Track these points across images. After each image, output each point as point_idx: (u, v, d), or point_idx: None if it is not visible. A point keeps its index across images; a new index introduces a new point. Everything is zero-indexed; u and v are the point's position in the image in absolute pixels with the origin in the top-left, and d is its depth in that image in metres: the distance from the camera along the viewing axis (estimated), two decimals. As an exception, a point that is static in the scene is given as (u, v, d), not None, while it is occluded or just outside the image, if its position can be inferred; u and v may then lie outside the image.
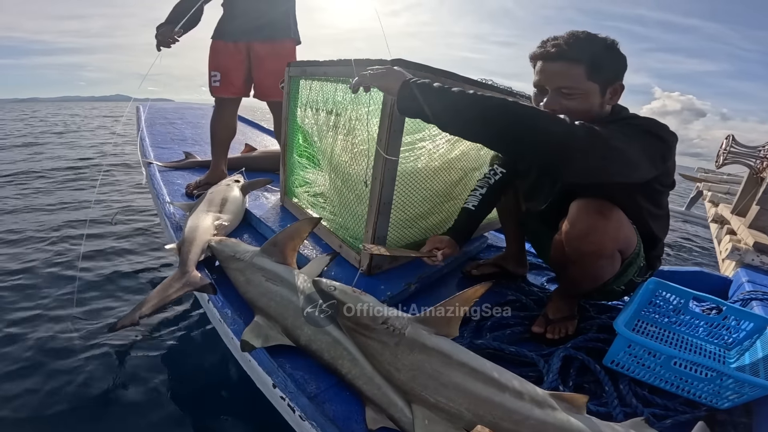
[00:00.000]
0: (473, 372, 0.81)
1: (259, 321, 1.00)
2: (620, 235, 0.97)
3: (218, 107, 2.03)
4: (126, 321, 1.00)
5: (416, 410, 0.79)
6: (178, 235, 1.42)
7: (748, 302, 1.48)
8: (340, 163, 1.34)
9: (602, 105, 0.96)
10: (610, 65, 0.94)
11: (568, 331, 1.15)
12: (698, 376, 0.94)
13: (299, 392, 0.83)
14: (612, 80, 0.95)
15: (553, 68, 0.94)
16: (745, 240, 2.39)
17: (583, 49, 0.91)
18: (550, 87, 0.95)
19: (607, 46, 0.93)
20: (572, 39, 0.92)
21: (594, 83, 0.93)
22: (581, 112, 0.93)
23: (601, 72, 0.93)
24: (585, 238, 0.95)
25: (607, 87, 0.95)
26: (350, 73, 1.20)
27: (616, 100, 0.99)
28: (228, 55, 1.91)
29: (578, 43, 0.92)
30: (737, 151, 3.52)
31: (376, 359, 0.86)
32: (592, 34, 0.94)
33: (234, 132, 2.10)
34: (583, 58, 0.91)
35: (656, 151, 0.88)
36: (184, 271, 1.16)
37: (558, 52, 0.92)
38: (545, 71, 0.95)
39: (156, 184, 1.95)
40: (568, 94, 0.93)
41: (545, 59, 0.95)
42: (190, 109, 4.35)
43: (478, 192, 1.30)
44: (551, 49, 0.93)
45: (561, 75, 0.93)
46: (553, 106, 0.95)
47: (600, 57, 0.92)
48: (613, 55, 0.94)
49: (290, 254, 1.20)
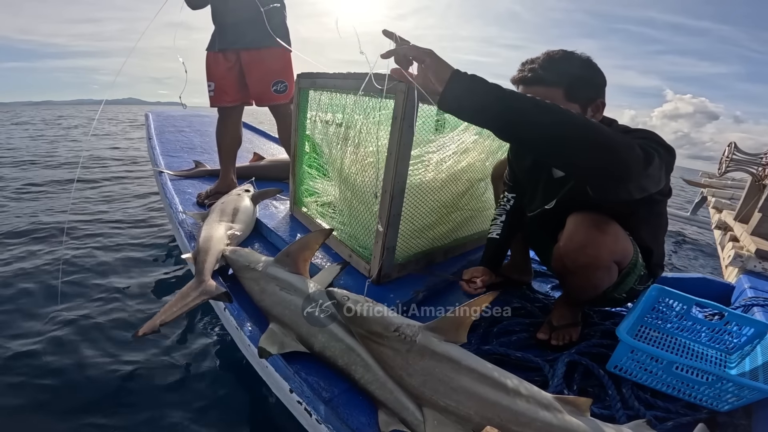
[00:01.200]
0: (481, 376, 0.85)
1: (275, 329, 1.04)
2: (616, 247, 1.00)
3: (220, 117, 2.07)
4: (147, 328, 1.04)
5: (427, 413, 0.82)
6: (191, 244, 1.46)
7: (749, 308, 1.51)
8: (349, 175, 1.38)
9: None
10: (589, 83, 0.95)
11: (572, 337, 1.18)
12: (699, 380, 0.97)
13: (315, 397, 0.87)
14: (593, 98, 0.96)
15: (532, 93, 0.93)
16: (748, 247, 2.40)
17: (560, 71, 0.92)
18: None
19: (583, 64, 0.94)
20: (547, 62, 0.93)
21: (574, 103, 0.94)
22: None
23: (580, 91, 0.93)
24: (582, 251, 0.98)
25: (588, 105, 0.96)
26: (360, 86, 1.24)
27: (599, 117, 1.00)
28: (218, 64, 1.95)
29: (554, 65, 0.93)
30: (739, 159, 3.53)
31: (389, 365, 0.89)
32: (569, 52, 0.95)
33: (239, 140, 2.13)
34: (560, 80, 0.92)
35: (669, 165, 0.89)
36: (200, 280, 1.20)
37: (534, 77, 0.93)
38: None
39: (168, 193, 2.00)
40: None
41: (524, 83, 0.96)
42: (197, 116, 4.41)
43: (498, 220, 1.35)
44: (528, 74, 0.94)
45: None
46: None
47: (577, 77, 0.93)
48: (590, 72, 0.95)
49: (303, 264, 1.24)
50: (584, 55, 0.95)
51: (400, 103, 1.08)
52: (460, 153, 1.41)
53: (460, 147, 1.41)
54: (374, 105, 1.25)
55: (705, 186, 5.73)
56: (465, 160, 1.44)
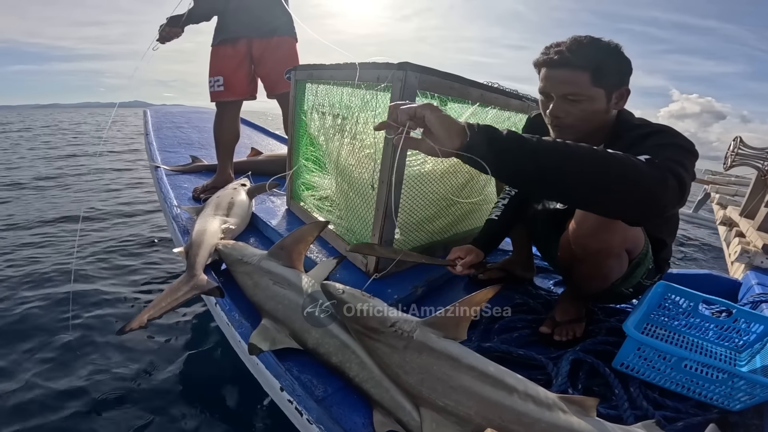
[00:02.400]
0: (482, 375, 0.81)
1: (267, 324, 1.00)
2: (628, 234, 0.97)
3: (220, 111, 2.03)
4: (134, 323, 1.00)
5: (424, 413, 0.79)
6: (185, 238, 1.43)
7: (758, 305, 1.47)
8: (346, 167, 1.35)
9: (608, 110, 0.96)
10: (615, 70, 0.94)
11: (575, 333, 1.15)
12: (709, 378, 0.94)
13: (307, 395, 0.83)
14: (617, 85, 0.95)
15: (558, 75, 0.93)
16: (754, 242, 2.37)
17: (587, 55, 0.90)
18: (555, 94, 0.95)
19: (611, 51, 0.93)
20: (575, 45, 0.91)
21: (599, 89, 0.92)
22: (587, 118, 0.94)
23: (606, 77, 0.92)
24: (592, 236, 0.95)
25: (612, 92, 0.94)
26: (355, 76, 1.21)
27: (623, 104, 0.99)
28: (228, 57, 1.92)
29: (582, 48, 0.91)
30: (745, 153, 3.49)
31: (385, 362, 0.86)
32: (596, 38, 0.93)
33: (237, 135, 2.11)
34: (587, 64, 0.90)
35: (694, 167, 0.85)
36: (192, 274, 1.16)
37: (561, 59, 0.92)
38: (550, 78, 0.95)
39: (163, 187, 1.96)
40: (573, 100, 0.93)
41: (549, 66, 0.94)
42: (196, 113, 4.38)
43: (500, 203, 1.30)
44: (555, 56, 0.92)
45: (566, 82, 0.92)
46: (558, 113, 0.95)
47: (604, 62, 0.91)
48: (618, 59, 0.94)
49: (297, 258, 1.20)
50: (612, 42, 0.93)
51: (396, 93, 1.05)
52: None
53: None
54: (371, 95, 1.22)
55: (708, 183, 5.70)
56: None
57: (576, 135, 0.96)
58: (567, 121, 0.96)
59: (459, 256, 1.19)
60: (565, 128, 0.97)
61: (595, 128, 0.97)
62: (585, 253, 0.98)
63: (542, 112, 1.02)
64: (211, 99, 2.00)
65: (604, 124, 0.98)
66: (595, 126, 0.97)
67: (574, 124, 0.96)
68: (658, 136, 0.88)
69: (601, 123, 0.97)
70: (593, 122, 0.96)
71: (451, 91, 1.22)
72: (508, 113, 1.53)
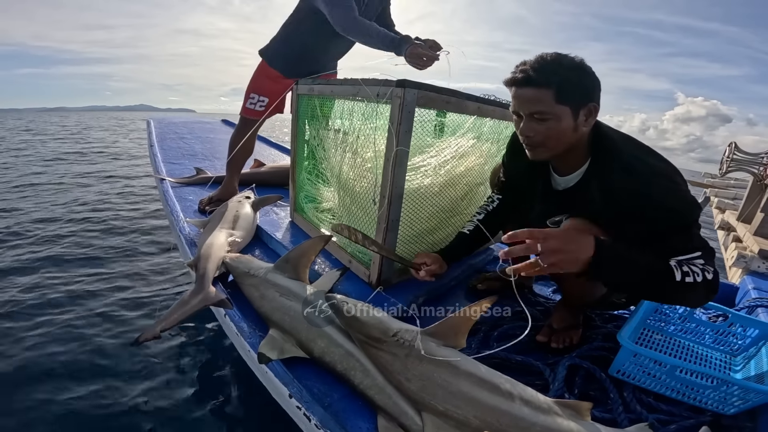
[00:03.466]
0: (480, 381, 0.84)
1: (274, 334, 1.04)
2: None
3: (244, 126, 2.01)
4: (149, 335, 1.04)
5: (426, 418, 0.82)
6: (192, 250, 1.47)
7: (754, 309, 1.50)
8: (348, 180, 1.38)
9: (576, 128, 0.95)
10: (579, 86, 0.92)
11: (572, 340, 1.17)
12: (704, 384, 0.97)
13: (314, 402, 0.87)
14: (584, 101, 0.93)
15: (523, 94, 0.94)
16: (751, 247, 2.39)
17: (550, 72, 0.90)
18: (523, 113, 0.96)
19: (573, 66, 0.92)
20: (538, 63, 0.92)
21: (564, 106, 0.91)
22: (555, 136, 0.95)
23: (570, 93, 0.91)
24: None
25: (579, 109, 0.93)
26: (356, 92, 1.25)
27: (592, 122, 0.97)
28: (277, 83, 1.92)
29: (545, 66, 0.91)
30: (740, 159, 3.51)
31: (387, 370, 0.89)
32: (561, 55, 0.93)
33: (252, 151, 2.13)
34: (550, 81, 0.90)
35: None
36: (201, 286, 1.20)
37: (525, 78, 0.92)
38: (517, 97, 0.96)
39: (170, 200, 2.00)
40: (540, 119, 0.93)
41: (516, 85, 0.95)
42: (198, 123, 4.44)
43: (475, 218, 1.32)
44: (519, 75, 0.93)
45: (531, 100, 0.93)
46: (527, 132, 0.96)
47: (567, 78, 0.90)
48: (580, 74, 0.92)
49: (302, 270, 1.24)
50: (577, 57, 0.92)
51: (396, 109, 1.09)
52: (458, 157, 1.41)
53: (458, 151, 1.41)
54: (372, 110, 1.26)
55: (707, 186, 5.71)
56: (463, 164, 1.44)
57: (549, 153, 0.99)
58: (536, 140, 0.97)
59: (425, 262, 1.22)
60: (536, 147, 0.98)
61: (567, 147, 0.98)
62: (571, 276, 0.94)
63: (516, 131, 1.03)
64: (246, 114, 1.97)
65: (577, 143, 0.98)
66: (566, 144, 0.97)
67: (544, 142, 0.96)
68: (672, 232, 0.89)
69: (573, 141, 0.97)
70: (562, 140, 0.96)
71: (448, 105, 1.24)
72: (506, 123, 1.56)
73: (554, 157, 1.01)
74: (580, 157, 1.02)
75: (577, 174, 1.04)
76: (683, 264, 0.85)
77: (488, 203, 1.33)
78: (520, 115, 0.97)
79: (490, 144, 1.55)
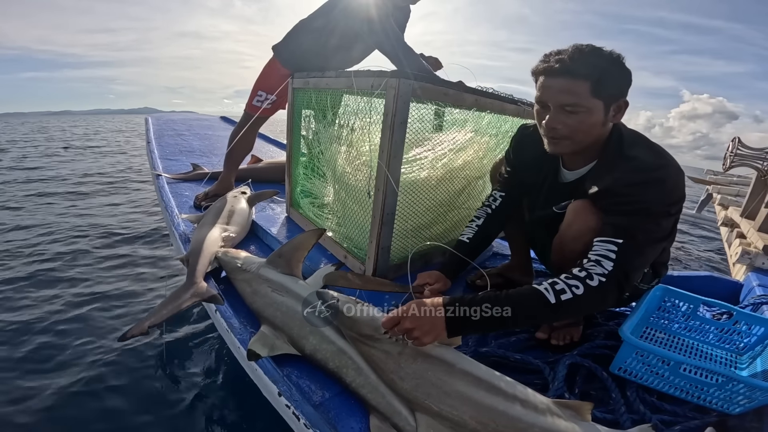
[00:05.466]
0: (476, 380, 0.82)
1: (266, 331, 1.02)
2: None
3: (247, 122, 1.96)
4: (135, 330, 1.01)
5: (420, 419, 0.79)
6: (186, 246, 1.45)
7: (759, 306, 1.46)
8: (343, 174, 1.36)
9: (605, 123, 0.94)
10: (616, 81, 0.91)
11: (573, 337, 1.15)
12: (708, 382, 0.93)
13: (304, 400, 0.84)
14: (617, 97, 0.92)
15: (557, 84, 0.90)
16: (755, 243, 2.36)
17: (588, 64, 0.87)
18: (552, 104, 0.92)
19: (612, 61, 0.89)
20: (577, 54, 0.88)
21: (598, 100, 0.89)
22: (583, 129, 0.92)
23: (607, 88, 0.89)
24: (581, 238, 0.94)
25: (611, 104, 0.91)
26: (350, 84, 1.22)
27: (620, 117, 0.95)
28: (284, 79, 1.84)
29: (583, 57, 0.88)
30: (744, 154, 3.47)
31: (380, 368, 0.87)
32: (598, 47, 0.89)
33: (251, 148, 2.10)
34: (588, 73, 0.87)
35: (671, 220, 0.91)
36: (192, 282, 1.18)
37: (562, 68, 0.88)
38: (548, 87, 0.92)
39: (165, 196, 1.98)
40: (571, 111, 0.91)
41: (548, 74, 0.91)
42: (197, 120, 4.43)
43: (474, 223, 1.28)
44: (555, 65, 0.89)
45: (564, 91, 0.90)
46: (554, 124, 0.93)
47: (606, 72, 0.88)
48: (619, 70, 0.91)
49: (296, 265, 1.21)
50: (614, 52, 0.90)
51: (390, 101, 1.06)
52: (456, 150, 1.38)
53: (456, 144, 1.38)
54: (367, 103, 1.23)
55: (710, 183, 5.67)
56: (461, 157, 1.41)
57: (573, 147, 0.96)
58: (563, 132, 0.94)
59: (428, 282, 1.20)
60: (561, 140, 0.96)
61: (591, 141, 0.96)
62: (575, 255, 0.95)
63: (537, 123, 1.00)
64: (251, 111, 1.92)
65: (599, 138, 0.96)
66: (591, 139, 0.95)
67: (571, 135, 0.94)
68: (630, 199, 0.88)
69: (597, 136, 0.95)
70: (589, 135, 0.94)
71: (446, 97, 1.22)
72: (505, 117, 1.53)
73: (575, 151, 0.99)
74: (594, 153, 1.00)
75: (585, 168, 1.03)
76: (557, 282, 0.84)
77: (490, 202, 1.30)
78: (546, 106, 0.94)
79: (489, 138, 1.52)
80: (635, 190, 0.88)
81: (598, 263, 0.84)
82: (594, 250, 0.87)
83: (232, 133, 2.03)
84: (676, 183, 0.90)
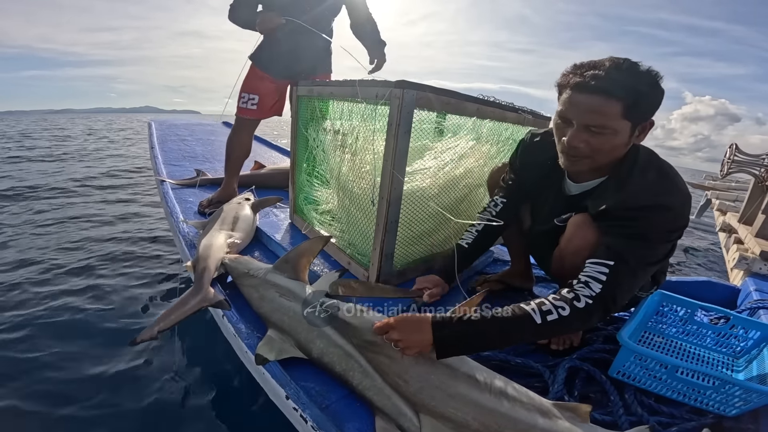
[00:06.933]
0: (478, 383, 0.84)
1: (273, 335, 1.04)
2: None
3: (239, 127, 2.05)
4: (146, 335, 1.04)
5: (424, 420, 0.81)
6: (192, 252, 1.47)
7: (755, 311, 1.48)
8: (347, 182, 1.38)
9: (628, 144, 0.90)
10: (650, 104, 0.85)
11: (573, 342, 1.17)
12: (705, 385, 0.96)
13: (311, 403, 0.86)
14: (647, 117, 0.87)
15: (588, 102, 0.84)
16: (752, 249, 2.38)
17: (626, 86, 0.82)
18: (577, 121, 0.87)
19: (651, 83, 0.84)
20: (614, 71, 0.82)
21: (627, 121, 0.85)
22: (606, 150, 0.89)
23: (639, 111, 0.84)
24: (581, 252, 0.94)
25: (638, 124, 0.87)
26: (354, 92, 1.25)
27: (643, 138, 0.91)
28: (263, 81, 1.97)
29: (621, 77, 0.82)
30: (741, 160, 3.50)
31: (385, 372, 0.89)
32: (635, 64, 0.84)
33: (249, 151, 2.14)
34: (624, 95, 0.82)
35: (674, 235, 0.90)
36: (199, 287, 1.20)
37: (597, 86, 0.82)
38: (577, 104, 0.86)
39: (169, 202, 2.00)
40: (597, 132, 0.86)
41: (580, 90, 0.85)
42: (199, 125, 4.45)
43: (474, 228, 1.28)
44: (590, 81, 0.83)
45: (595, 111, 0.84)
46: (576, 142, 0.89)
47: (642, 95, 0.83)
48: (655, 92, 0.85)
49: (302, 271, 1.23)
50: (653, 70, 0.83)
51: (395, 110, 1.09)
52: (458, 159, 1.41)
53: (458, 152, 1.41)
54: (371, 111, 1.26)
55: (708, 188, 5.69)
56: (463, 165, 1.43)
57: (591, 166, 0.95)
58: (584, 152, 0.89)
59: (426, 286, 1.21)
60: (581, 158, 0.92)
61: (610, 161, 0.93)
62: (574, 269, 0.94)
63: (556, 137, 0.96)
64: (240, 114, 2.01)
65: (617, 157, 0.93)
66: (611, 159, 0.92)
67: (592, 155, 0.90)
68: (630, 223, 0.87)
69: (617, 156, 0.92)
70: (611, 155, 0.91)
71: (447, 106, 1.23)
72: (506, 125, 1.56)
73: (591, 168, 0.97)
74: (606, 170, 0.98)
75: (592, 183, 1.02)
76: (544, 303, 0.84)
77: (491, 207, 1.29)
78: (570, 122, 0.89)
79: (490, 146, 1.54)
80: (637, 214, 0.86)
81: (587, 285, 0.84)
82: (585, 271, 0.87)
83: (228, 139, 2.09)
84: (680, 211, 0.88)
